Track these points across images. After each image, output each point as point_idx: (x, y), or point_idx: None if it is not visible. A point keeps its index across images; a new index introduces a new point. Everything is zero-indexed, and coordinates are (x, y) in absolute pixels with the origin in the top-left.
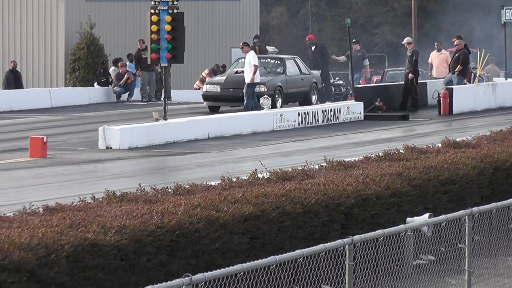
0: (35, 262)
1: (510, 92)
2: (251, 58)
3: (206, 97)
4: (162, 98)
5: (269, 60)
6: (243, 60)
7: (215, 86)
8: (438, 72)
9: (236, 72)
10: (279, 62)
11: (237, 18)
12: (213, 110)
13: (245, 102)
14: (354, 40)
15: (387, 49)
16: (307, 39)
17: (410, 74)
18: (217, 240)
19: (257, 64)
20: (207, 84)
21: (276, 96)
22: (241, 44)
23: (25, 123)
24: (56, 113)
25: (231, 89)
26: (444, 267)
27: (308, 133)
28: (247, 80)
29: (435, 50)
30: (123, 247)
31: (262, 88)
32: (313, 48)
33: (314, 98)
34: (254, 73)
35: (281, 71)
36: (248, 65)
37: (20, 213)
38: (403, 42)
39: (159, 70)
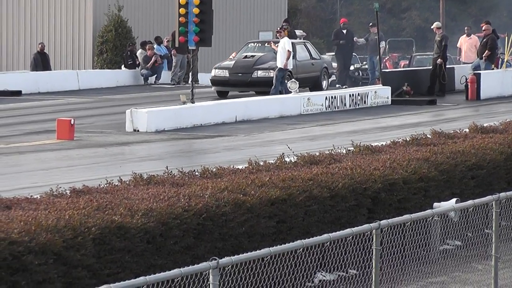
0: (62, 244)
1: None
2: (286, 43)
3: (214, 82)
4: (189, 81)
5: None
6: (252, 44)
7: (224, 70)
8: (466, 57)
9: (245, 56)
10: None
11: (265, 1)
12: (221, 95)
13: (273, 86)
14: (370, 23)
15: (415, 34)
16: (341, 23)
17: (439, 59)
18: (244, 223)
19: (291, 49)
20: (215, 68)
21: (286, 81)
22: (279, 28)
23: (53, 105)
24: (83, 95)
25: (240, 74)
26: (471, 252)
27: (336, 117)
28: (279, 64)
29: (465, 35)
30: (150, 230)
31: (272, 73)
32: (344, 31)
33: (324, 83)
34: (288, 58)
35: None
36: (282, 50)
37: (47, 195)
38: (432, 27)
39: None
